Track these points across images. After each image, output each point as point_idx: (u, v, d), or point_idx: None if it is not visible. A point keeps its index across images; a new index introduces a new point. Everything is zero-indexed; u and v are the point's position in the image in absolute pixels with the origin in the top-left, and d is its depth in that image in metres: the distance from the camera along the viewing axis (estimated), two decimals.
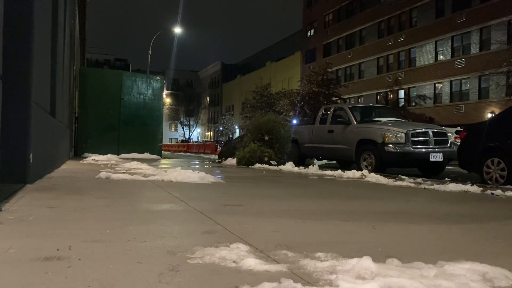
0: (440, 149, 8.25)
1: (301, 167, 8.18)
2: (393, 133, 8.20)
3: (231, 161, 10.19)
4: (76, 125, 12.26)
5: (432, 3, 32.66)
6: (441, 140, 8.51)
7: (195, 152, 32.00)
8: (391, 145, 8.12)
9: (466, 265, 1.38)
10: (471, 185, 4.78)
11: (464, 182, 5.30)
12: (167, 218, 2.34)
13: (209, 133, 75.44)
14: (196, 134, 75.63)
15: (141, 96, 12.51)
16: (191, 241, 1.71)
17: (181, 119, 71.43)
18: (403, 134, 8.13)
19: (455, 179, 6.59)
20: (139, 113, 12.38)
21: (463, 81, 30.67)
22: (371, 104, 18.36)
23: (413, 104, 34.46)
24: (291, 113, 31.42)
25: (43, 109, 4.22)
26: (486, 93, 28.76)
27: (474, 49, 29.65)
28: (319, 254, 1.55)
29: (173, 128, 77.83)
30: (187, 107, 70.31)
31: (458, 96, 31.11)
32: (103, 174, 4.62)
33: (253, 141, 9.57)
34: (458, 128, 13.69)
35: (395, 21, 36.86)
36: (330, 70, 33.37)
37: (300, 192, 4.09)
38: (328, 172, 6.85)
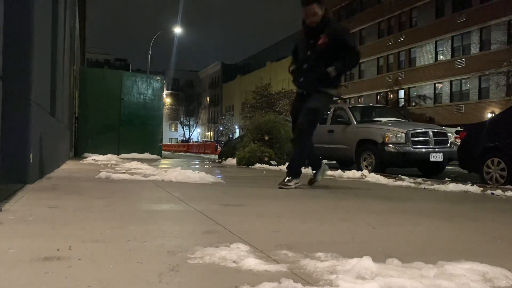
0: (440, 149, 8.25)
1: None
2: (393, 133, 8.21)
3: (231, 161, 10.20)
4: (76, 125, 12.26)
5: (432, 3, 32.64)
6: (441, 140, 8.51)
7: (195, 152, 32.02)
8: (391, 145, 8.12)
9: (466, 265, 1.38)
10: (471, 185, 4.78)
11: (464, 182, 5.30)
12: (167, 218, 2.34)
13: (209, 133, 75.46)
14: (196, 134, 75.61)
15: (141, 96, 12.51)
16: (191, 241, 1.71)
17: (181, 119, 71.40)
18: (403, 134, 8.14)
19: (455, 179, 6.60)
20: (139, 113, 12.37)
21: (463, 81, 30.66)
22: (371, 104, 18.36)
23: (413, 104, 34.44)
24: None
25: (43, 109, 4.22)
26: (486, 93, 28.76)
27: (474, 49, 29.64)
28: (319, 254, 1.55)
29: (173, 128, 77.84)
30: (187, 107, 70.31)
31: (458, 96, 31.10)
32: (103, 174, 4.62)
33: (253, 141, 9.57)
34: (458, 128, 13.70)
35: (395, 21, 36.85)
36: None
37: (300, 192, 4.09)
38: (328, 172, 6.83)
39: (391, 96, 36.27)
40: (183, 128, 71.98)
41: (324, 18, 4.27)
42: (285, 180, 4.26)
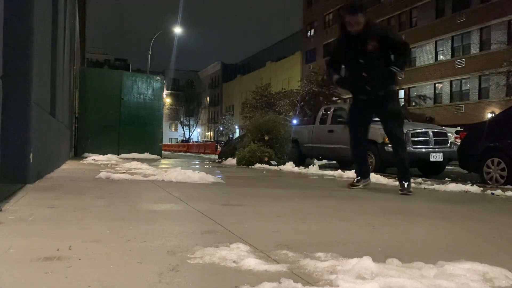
0: (440, 149, 8.26)
1: (301, 167, 8.18)
2: None
3: (231, 161, 10.19)
4: (76, 125, 12.26)
5: (432, 3, 32.60)
6: (441, 140, 8.51)
7: (195, 152, 32.02)
8: (391, 145, 8.12)
9: (466, 265, 1.38)
10: (471, 185, 4.78)
11: (464, 182, 5.30)
12: (167, 218, 2.34)
13: (209, 133, 75.44)
14: (196, 134, 75.57)
15: (141, 96, 12.51)
16: (191, 241, 1.71)
17: (181, 119, 71.37)
18: None
19: (455, 179, 6.60)
20: (139, 113, 12.37)
21: (463, 81, 30.64)
22: None
23: (413, 104, 34.42)
24: (291, 113, 31.42)
25: (43, 109, 4.22)
26: (486, 93, 28.74)
27: (474, 49, 29.61)
28: (319, 254, 1.55)
29: (173, 128, 77.80)
30: (187, 107, 70.27)
31: (458, 96, 31.07)
32: (103, 174, 4.62)
33: (253, 141, 9.57)
34: (458, 128, 13.70)
35: (395, 21, 36.82)
36: None
37: (300, 192, 4.09)
38: (328, 172, 6.84)
39: None
40: (183, 128, 71.94)
41: (366, 24, 4.37)
42: (406, 187, 4.25)
